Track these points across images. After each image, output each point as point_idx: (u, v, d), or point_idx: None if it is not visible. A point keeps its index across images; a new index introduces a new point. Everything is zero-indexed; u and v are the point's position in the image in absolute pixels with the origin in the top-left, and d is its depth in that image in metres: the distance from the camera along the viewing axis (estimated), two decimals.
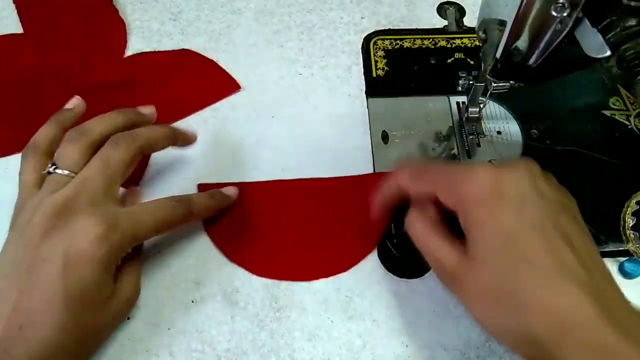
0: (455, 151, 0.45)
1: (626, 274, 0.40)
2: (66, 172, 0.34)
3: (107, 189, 0.34)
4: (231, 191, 0.41)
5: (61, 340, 0.30)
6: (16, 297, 0.30)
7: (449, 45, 0.52)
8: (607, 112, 0.47)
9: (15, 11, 0.53)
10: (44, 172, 0.35)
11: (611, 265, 0.40)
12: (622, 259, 0.40)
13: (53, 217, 0.31)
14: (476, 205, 0.29)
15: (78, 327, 0.31)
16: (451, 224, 0.32)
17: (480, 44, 0.37)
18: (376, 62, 0.51)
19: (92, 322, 0.32)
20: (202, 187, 0.42)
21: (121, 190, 0.36)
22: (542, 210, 0.29)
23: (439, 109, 0.48)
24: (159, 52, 0.51)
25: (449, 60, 0.51)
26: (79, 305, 0.31)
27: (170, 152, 0.45)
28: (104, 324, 0.34)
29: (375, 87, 0.49)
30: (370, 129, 0.46)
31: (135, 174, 0.43)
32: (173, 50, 0.51)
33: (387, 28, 0.53)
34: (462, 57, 0.51)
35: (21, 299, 0.30)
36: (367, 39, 0.52)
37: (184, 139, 0.41)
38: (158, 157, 0.45)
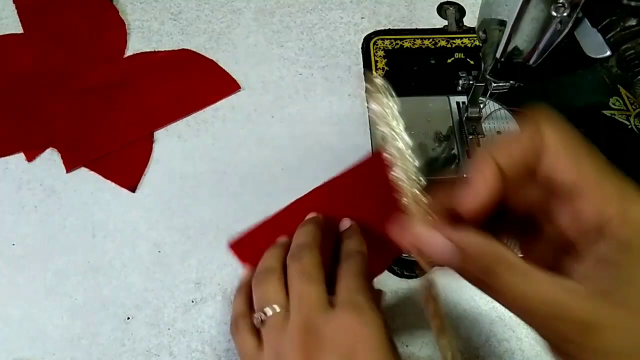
0: (455, 151, 0.45)
1: None
2: (275, 308, 0.31)
3: (321, 293, 0.30)
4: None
5: None
6: None
7: (449, 45, 0.52)
8: (607, 112, 0.47)
9: (15, 11, 0.53)
10: (255, 323, 0.32)
11: None
12: None
13: (305, 343, 0.28)
14: None
15: None
16: None
17: (480, 44, 0.37)
18: (376, 62, 0.51)
19: None
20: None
21: None
22: None
23: (439, 109, 0.48)
24: (159, 52, 0.51)
25: (449, 60, 0.51)
26: None
27: (171, 152, 0.45)
28: None
29: None
30: (370, 129, 0.46)
31: (136, 173, 0.44)
32: (173, 50, 0.51)
33: (387, 28, 0.53)
34: (462, 57, 0.51)
35: None
36: (367, 39, 0.52)
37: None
38: (159, 157, 0.45)
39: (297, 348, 0.28)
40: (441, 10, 0.55)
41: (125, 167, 0.44)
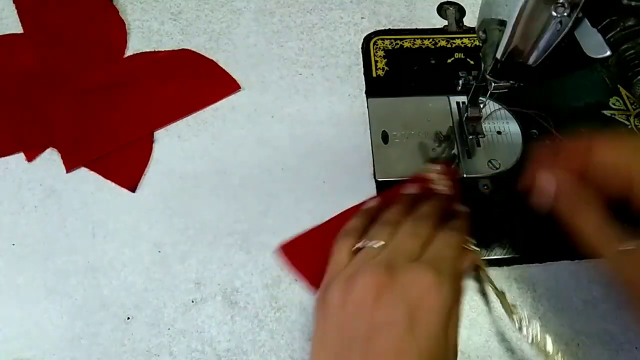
0: (455, 151, 0.45)
1: None
2: (377, 245, 0.34)
3: (416, 250, 0.33)
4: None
5: None
6: None
7: (449, 45, 0.52)
8: (607, 112, 0.47)
9: (15, 11, 0.53)
10: (354, 248, 0.35)
11: None
12: None
13: (380, 278, 0.30)
14: None
15: None
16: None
17: (480, 44, 0.37)
18: (376, 62, 0.51)
19: None
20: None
21: None
22: None
23: (439, 109, 0.48)
24: (159, 52, 0.51)
25: (449, 60, 0.51)
26: (433, 358, 0.29)
27: (171, 152, 0.45)
28: None
29: (375, 87, 0.49)
30: (370, 129, 0.46)
31: (136, 173, 0.44)
32: (173, 50, 0.51)
33: (387, 28, 0.53)
34: (462, 57, 0.51)
35: None
36: (367, 39, 0.52)
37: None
38: (159, 157, 0.45)
39: (371, 277, 0.31)
40: (441, 10, 0.55)
41: (125, 167, 0.44)
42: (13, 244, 0.40)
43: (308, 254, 0.39)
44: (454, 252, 0.34)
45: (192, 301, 0.38)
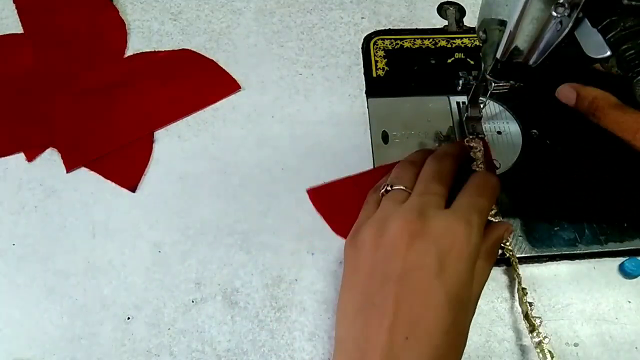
0: None
1: (626, 274, 0.40)
2: (402, 187, 0.36)
3: (444, 194, 0.35)
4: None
5: (447, 344, 0.29)
6: (393, 310, 0.30)
7: (449, 45, 0.52)
8: None
9: (15, 11, 0.53)
10: (381, 192, 0.37)
11: (611, 264, 0.40)
12: (622, 258, 0.40)
13: (413, 224, 0.32)
14: None
15: (458, 328, 0.31)
16: None
17: (480, 44, 0.37)
18: (376, 62, 0.51)
19: (466, 321, 0.32)
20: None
21: None
22: None
23: (439, 109, 0.48)
24: (159, 52, 0.51)
25: (449, 60, 0.51)
26: (459, 304, 0.30)
27: (171, 152, 0.45)
28: (469, 323, 0.32)
29: (375, 87, 0.49)
30: (370, 129, 0.46)
31: (136, 173, 0.44)
32: (173, 50, 0.51)
33: (387, 28, 0.53)
34: (462, 57, 0.51)
35: (400, 310, 0.30)
36: (367, 39, 0.52)
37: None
38: (159, 157, 0.45)
39: (404, 222, 0.32)
40: (441, 10, 0.55)
41: (125, 167, 0.44)
42: (13, 244, 0.40)
43: (336, 202, 0.41)
44: (483, 203, 0.35)
45: (192, 301, 0.38)
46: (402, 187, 0.36)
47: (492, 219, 0.38)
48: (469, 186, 0.36)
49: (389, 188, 0.37)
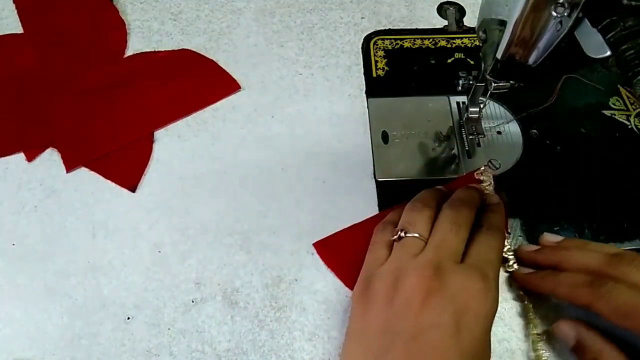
0: (455, 151, 0.45)
1: None
2: (416, 234, 0.34)
3: (461, 248, 0.34)
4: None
5: None
6: None
7: (449, 45, 0.52)
8: (607, 112, 0.47)
9: (15, 11, 0.53)
10: (394, 238, 0.35)
11: None
12: None
13: (429, 280, 0.31)
14: None
15: None
16: None
17: (480, 44, 0.37)
18: (376, 62, 0.51)
19: None
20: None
21: None
22: None
23: (439, 109, 0.48)
24: (159, 52, 0.51)
25: (449, 60, 0.51)
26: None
27: (171, 152, 0.45)
28: None
29: (375, 87, 0.49)
30: (370, 129, 0.46)
31: (136, 173, 0.44)
32: (173, 50, 0.51)
33: (387, 28, 0.53)
34: (462, 57, 0.51)
35: None
36: (367, 39, 0.52)
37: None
38: (159, 157, 0.45)
39: (420, 279, 0.31)
40: (441, 10, 0.55)
41: (125, 167, 0.44)
42: (13, 244, 0.40)
43: (344, 253, 0.39)
44: (497, 255, 0.34)
45: (192, 301, 0.38)
46: (416, 235, 0.34)
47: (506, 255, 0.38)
48: (483, 234, 0.35)
49: (402, 234, 0.35)
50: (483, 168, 0.41)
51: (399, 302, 0.31)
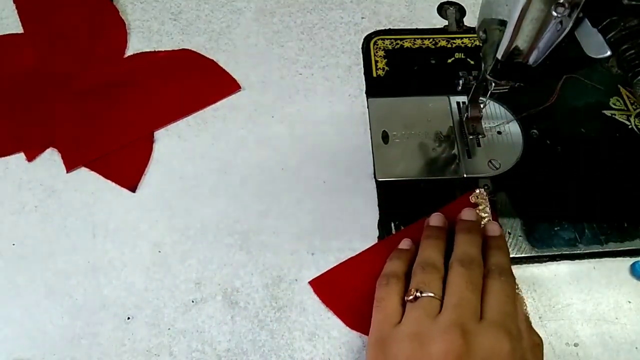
0: (455, 151, 0.45)
1: (639, 276, 0.39)
2: (431, 294, 0.33)
3: (478, 302, 0.33)
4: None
5: None
6: None
7: (449, 45, 0.52)
8: (607, 112, 0.47)
9: (15, 11, 0.53)
10: (409, 298, 0.34)
11: (611, 264, 0.40)
12: (624, 258, 0.40)
13: (457, 344, 0.30)
14: None
15: None
16: None
17: (480, 44, 0.37)
18: (376, 62, 0.51)
19: None
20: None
21: None
22: None
23: (439, 109, 0.48)
24: (159, 52, 0.51)
25: (449, 60, 0.51)
26: None
27: (171, 152, 0.45)
28: None
29: (375, 87, 0.49)
30: (370, 129, 0.46)
31: (136, 173, 0.44)
32: (173, 50, 0.51)
33: (387, 28, 0.53)
34: (462, 57, 0.51)
35: None
36: (367, 39, 0.52)
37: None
38: (159, 157, 0.45)
39: (448, 344, 0.30)
40: (441, 10, 0.55)
41: (125, 167, 0.44)
42: (13, 244, 0.40)
43: (341, 290, 0.39)
44: (514, 304, 0.33)
45: (192, 301, 0.38)
46: (431, 295, 0.33)
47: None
48: (496, 281, 0.34)
49: (418, 295, 0.33)
50: (478, 191, 0.41)
51: None
